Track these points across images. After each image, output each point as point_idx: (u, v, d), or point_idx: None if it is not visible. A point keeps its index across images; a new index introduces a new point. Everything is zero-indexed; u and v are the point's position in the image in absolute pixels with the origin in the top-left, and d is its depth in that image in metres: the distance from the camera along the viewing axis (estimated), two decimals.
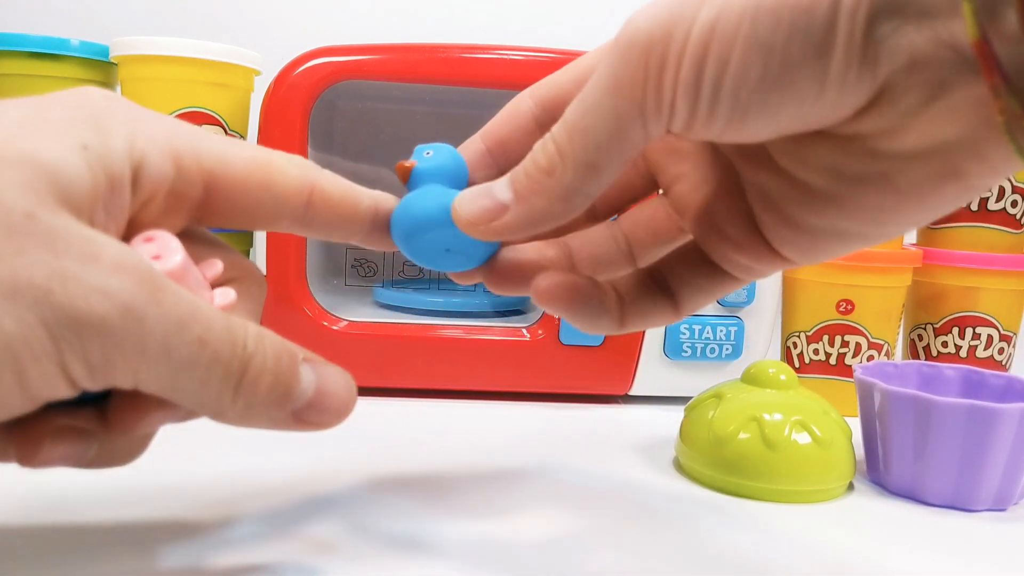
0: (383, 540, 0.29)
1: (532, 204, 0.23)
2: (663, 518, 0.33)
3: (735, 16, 0.18)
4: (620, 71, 0.20)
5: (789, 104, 0.19)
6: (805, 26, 0.18)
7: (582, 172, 0.22)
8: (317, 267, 0.56)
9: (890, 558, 0.30)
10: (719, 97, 0.19)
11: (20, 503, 0.30)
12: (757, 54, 0.18)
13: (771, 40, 0.18)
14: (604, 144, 0.21)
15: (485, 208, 0.24)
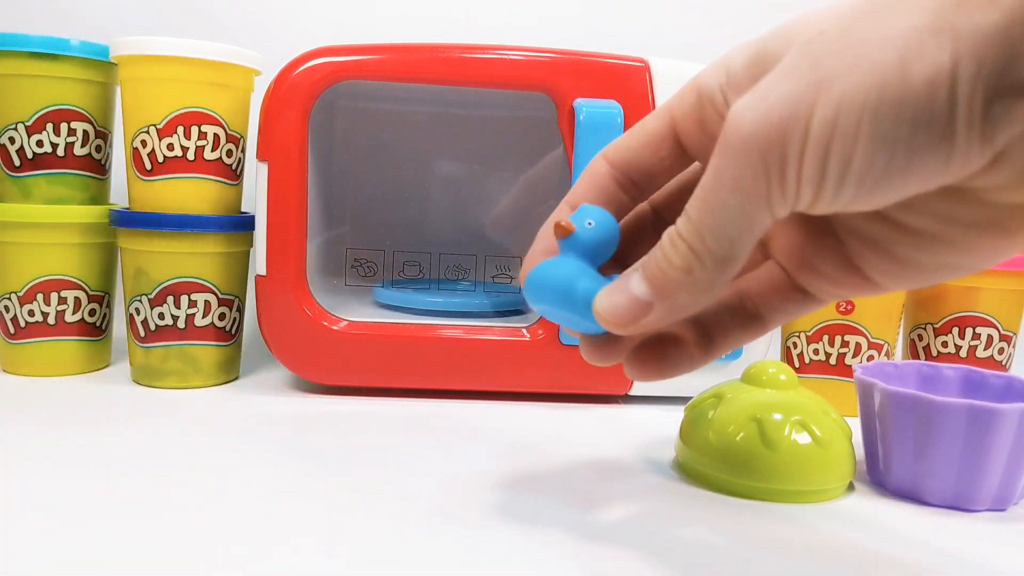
0: (382, 540, 0.29)
1: (676, 300, 0.24)
2: (663, 518, 0.33)
3: (855, 114, 0.19)
4: (740, 172, 0.21)
5: (912, 182, 0.20)
6: (927, 119, 0.19)
7: (720, 265, 0.23)
8: (317, 267, 0.56)
9: (890, 558, 0.30)
10: (844, 184, 0.20)
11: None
12: (881, 147, 0.19)
13: (894, 135, 0.19)
14: (736, 237, 0.22)
15: (629, 309, 0.25)
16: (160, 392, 0.48)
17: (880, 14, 0.19)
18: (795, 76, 0.20)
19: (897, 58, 0.19)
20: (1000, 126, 0.19)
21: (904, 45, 0.19)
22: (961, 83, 0.18)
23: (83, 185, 0.52)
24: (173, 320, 0.49)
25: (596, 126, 0.46)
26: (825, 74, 0.20)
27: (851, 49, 0.19)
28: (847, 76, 0.19)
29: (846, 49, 0.19)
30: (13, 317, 0.50)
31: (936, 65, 0.18)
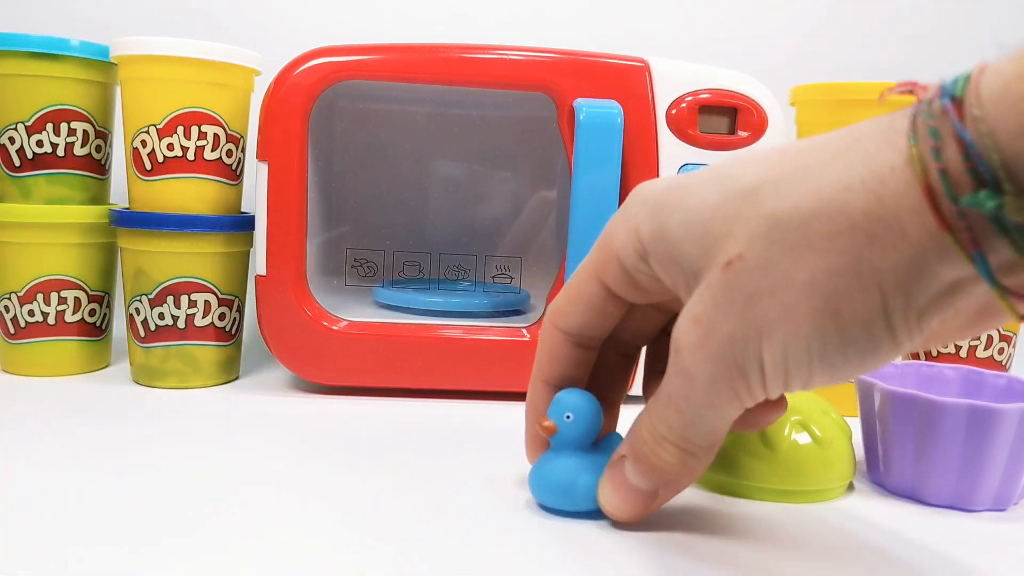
0: (383, 541, 0.29)
1: (680, 484, 0.28)
2: (663, 518, 0.33)
3: (803, 358, 0.23)
4: (709, 395, 0.25)
5: (864, 372, 0.23)
6: (871, 348, 0.22)
7: (710, 449, 0.27)
8: (317, 267, 0.56)
9: (890, 558, 0.30)
10: (808, 386, 0.24)
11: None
12: (833, 373, 0.23)
13: (844, 365, 0.22)
14: (718, 428, 0.26)
15: (639, 502, 0.29)
16: (160, 392, 0.48)
17: (794, 250, 0.22)
18: (732, 314, 0.23)
19: (827, 306, 0.21)
20: (933, 323, 0.22)
21: (831, 292, 0.21)
22: (895, 317, 0.21)
23: (83, 185, 0.52)
24: (173, 320, 0.49)
25: (596, 126, 0.46)
26: (762, 316, 0.22)
27: (780, 293, 0.22)
28: (785, 324, 0.22)
29: (775, 292, 0.22)
30: (13, 317, 0.50)
31: (869, 308, 0.21)
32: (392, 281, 0.61)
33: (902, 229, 0.20)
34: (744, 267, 0.23)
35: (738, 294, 0.23)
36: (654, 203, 0.26)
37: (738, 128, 0.49)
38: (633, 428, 0.29)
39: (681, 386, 0.25)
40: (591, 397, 0.31)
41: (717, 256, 0.23)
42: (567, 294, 0.30)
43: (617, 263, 0.28)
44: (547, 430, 0.31)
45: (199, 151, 0.48)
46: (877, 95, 0.54)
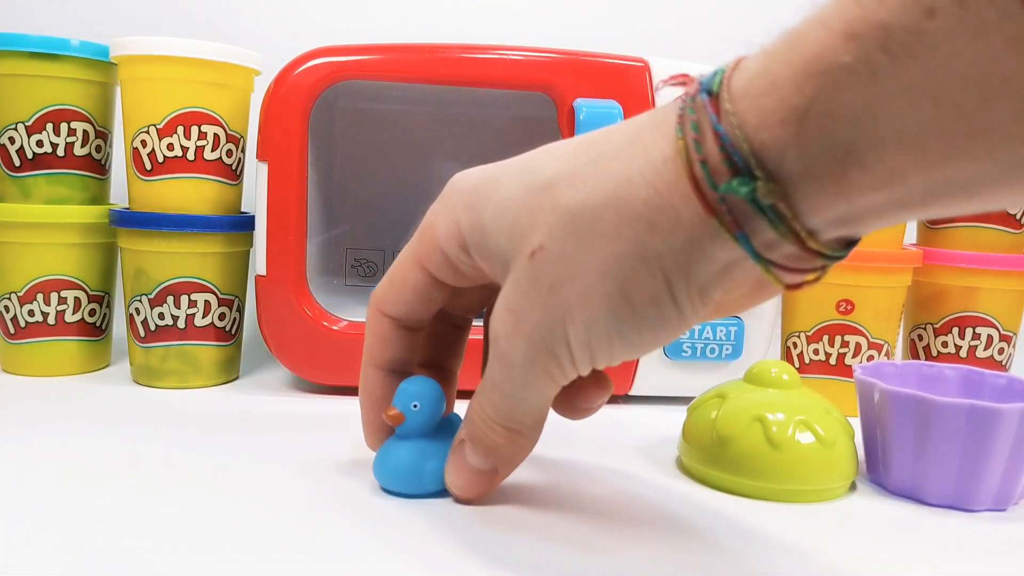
0: (383, 541, 0.29)
1: (516, 460, 0.31)
2: (666, 518, 0.33)
3: (604, 338, 0.25)
4: (526, 378, 0.27)
5: (660, 344, 0.26)
6: (662, 323, 0.24)
7: (537, 425, 0.30)
8: (317, 267, 0.56)
9: (890, 558, 0.30)
10: (613, 361, 0.26)
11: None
12: (632, 348, 0.25)
13: (640, 340, 0.25)
14: (541, 406, 0.29)
15: (481, 481, 0.31)
16: (160, 392, 0.48)
17: (587, 240, 0.24)
18: (538, 302, 0.25)
19: (618, 290, 0.24)
20: (716, 295, 0.24)
21: (621, 277, 0.24)
22: (679, 295, 0.23)
23: (83, 185, 0.52)
24: (173, 320, 0.49)
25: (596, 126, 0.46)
26: (564, 303, 0.25)
27: (577, 280, 0.24)
28: (584, 308, 0.24)
29: (573, 279, 0.24)
30: (13, 317, 0.50)
31: (654, 289, 0.23)
32: None
33: (677, 216, 0.22)
34: (545, 257, 0.25)
35: (542, 283, 0.25)
36: (469, 195, 0.28)
37: None
38: (467, 412, 0.31)
39: (501, 371, 0.27)
40: (435, 384, 0.33)
41: (523, 247, 0.25)
42: (391, 281, 0.31)
43: (439, 252, 0.29)
44: (394, 419, 0.32)
45: (199, 151, 0.48)
46: None
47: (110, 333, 0.55)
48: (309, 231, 0.49)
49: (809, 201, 0.21)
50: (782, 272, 0.23)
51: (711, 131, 0.22)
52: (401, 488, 0.33)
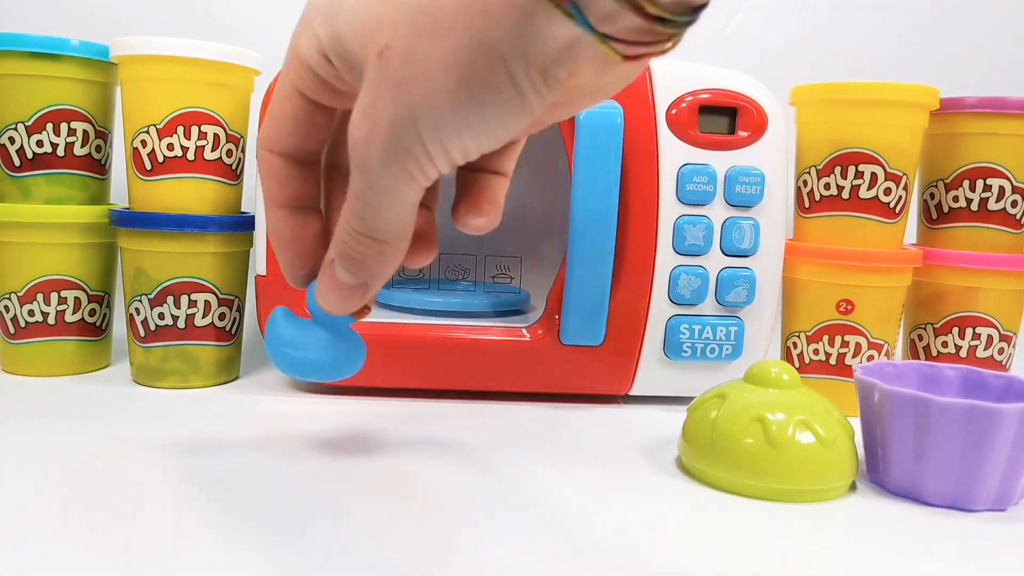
0: (384, 541, 0.29)
1: (386, 273, 0.30)
2: (666, 517, 0.33)
3: (453, 131, 0.25)
4: (387, 182, 0.27)
5: (513, 134, 0.26)
6: (512, 109, 0.24)
7: (403, 236, 0.29)
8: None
9: (890, 558, 0.30)
10: (469, 156, 0.26)
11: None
12: (485, 138, 0.25)
13: (490, 128, 0.25)
14: (405, 215, 0.28)
15: (351, 295, 0.30)
16: (160, 392, 0.48)
17: (427, 33, 0.24)
18: (390, 101, 0.25)
19: (460, 80, 0.24)
20: (559, 76, 0.24)
21: (461, 66, 0.24)
22: (519, 78, 0.23)
23: (83, 185, 0.52)
24: (173, 320, 0.49)
25: (596, 126, 0.46)
26: (412, 100, 0.25)
27: (422, 76, 0.24)
28: (431, 103, 0.25)
29: (418, 75, 0.24)
30: (13, 317, 0.50)
31: (493, 74, 0.23)
32: (392, 281, 0.61)
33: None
34: (392, 56, 0.25)
35: (390, 81, 0.25)
36: (325, 6, 0.27)
37: (738, 128, 0.49)
38: (335, 237, 0.30)
39: (362, 178, 0.27)
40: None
41: (372, 49, 0.25)
42: (272, 116, 0.31)
43: (308, 71, 0.29)
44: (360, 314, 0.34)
45: (199, 151, 0.48)
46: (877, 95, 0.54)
47: (110, 333, 0.55)
48: None
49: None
50: (623, 46, 0.23)
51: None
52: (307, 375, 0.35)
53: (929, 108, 0.52)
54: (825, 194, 0.52)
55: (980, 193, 0.53)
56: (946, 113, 0.53)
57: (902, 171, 0.51)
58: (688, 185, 0.48)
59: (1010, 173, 0.53)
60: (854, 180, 0.50)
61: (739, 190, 0.48)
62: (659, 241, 0.48)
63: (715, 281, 0.49)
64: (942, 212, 0.55)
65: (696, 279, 0.48)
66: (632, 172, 0.48)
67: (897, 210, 0.51)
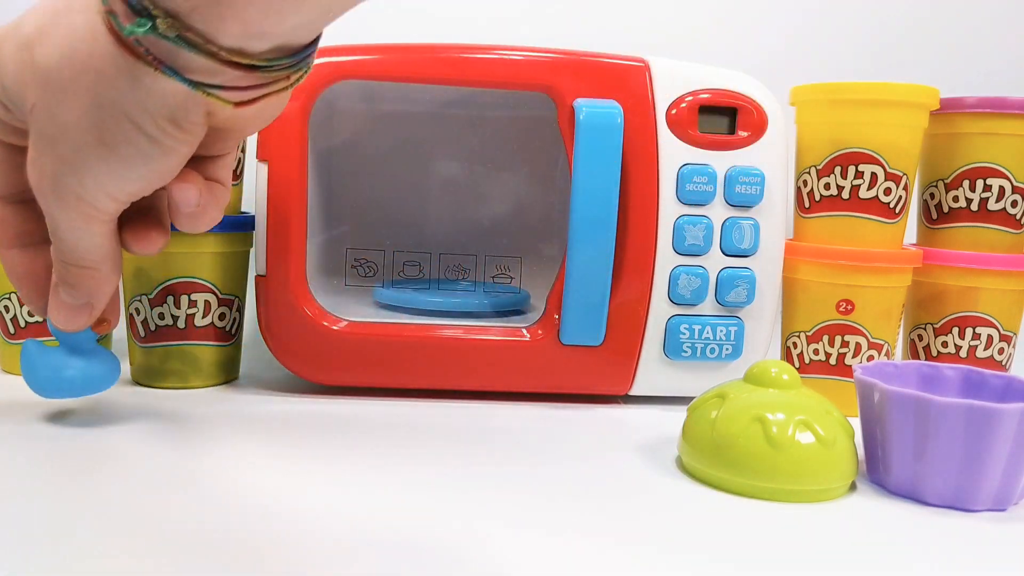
0: (384, 541, 0.29)
1: (102, 292, 0.33)
2: (666, 517, 0.33)
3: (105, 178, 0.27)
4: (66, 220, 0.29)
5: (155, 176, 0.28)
6: (147, 157, 0.27)
7: (106, 262, 0.31)
8: (317, 267, 0.56)
9: (890, 558, 0.30)
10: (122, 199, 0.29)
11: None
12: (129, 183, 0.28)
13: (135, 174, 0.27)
14: (100, 244, 0.31)
15: (78, 314, 0.34)
16: (160, 392, 0.48)
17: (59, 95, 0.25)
18: (47, 154, 0.27)
19: (97, 139, 0.26)
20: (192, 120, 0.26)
21: (93, 126, 0.25)
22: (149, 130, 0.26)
23: None
24: (173, 320, 0.49)
25: (596, 126, 0.46)
26: (63, 155, 0.26)
27: (64, 134, 0.26)
28: (77, 158, 0.26)
29: (61, 134, 0.26)
30: (13, 317, 0.50)
31: (124, 131, 0.25)
32: (392, 281, 0.61)
33: (115, 63, 0.24)
34: (38, 114, 0.26)
35: (43, 138, 0.26)
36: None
37: (738, 128, 0.49)
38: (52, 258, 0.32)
39: (48, 219, 0.29)
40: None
41: (25, 105, 0.27)
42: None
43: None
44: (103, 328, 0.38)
45: None
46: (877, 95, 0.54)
47: (110, 333, 0.55)
48: (309, 231, 0.49)
49: (212, 26, 0.23)
50: (231, 92, 0.25)
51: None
52: (51, 394, 0.39)
53: (929, 108, 0.52)
54: (825, 194, 0.52)
55: (980, 193, 0.53)
56: (946, 113, 0.53)
57: (902, 171, 0.51)
58: (688, 185, 0.48)
59: (1010, 173, 0.53)
60: (854, 180, 0.50)
61: (739, 190, 0.48)
62: (659, 241, 0.48)
63: (715, 281, 0.49)
64: (942, 212, 0.55)
65: (696, 279, 0.48)
66: (632, 172, 0.48)
67: (897, 210, 0.51)
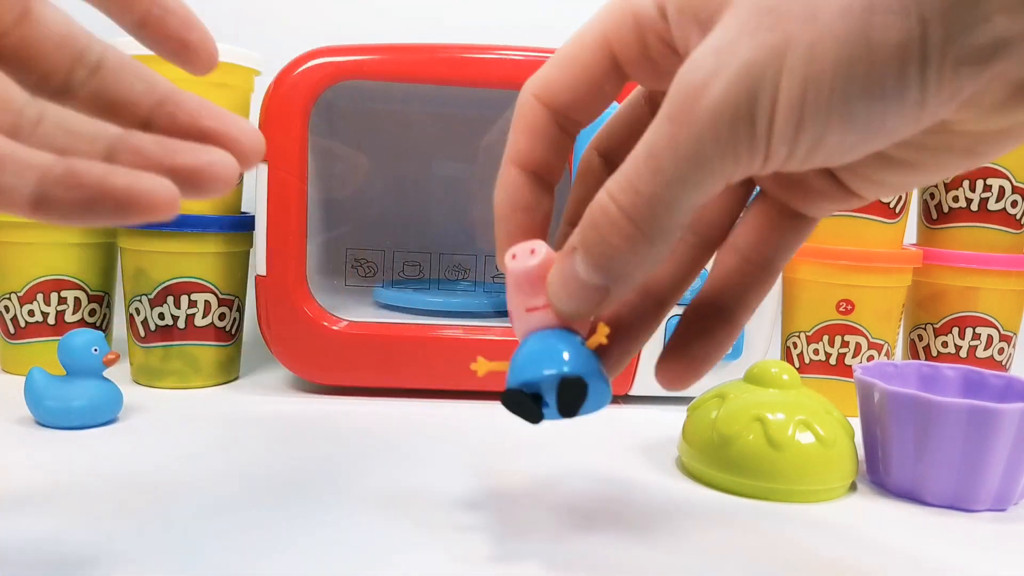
0: (382, 541, 0.29)
1: (633, 279, 0.23)
2: (666, 517, 0.33)
3: (824, 93, 0.19)
4: (703, 143, 0.20)
5: (882, 141, 0.20)
6: (899, 90, 0.19)
7: (669, 240, 0.22)
8: (317, 267, 0.56)
9: (890, 558, 0.30)
10: (815, 151, 0.20)
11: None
12: (851, 123, 0.19)
13: (866, 111, 0.19)
14: (689, 208, 0.21)
15: (587, 296, 0.24)
16: (160, 392, 0.48)
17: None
18: (756, 37, 0.19)
19: (859, 32, 0.18)
20: (968, 84, 0.19)
21: (866, 14, 0.18)
22: (930, 52, 0.18)
23: None
24: (173, 320, 0.49)
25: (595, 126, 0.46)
26: (786, 40, 0.19)
27: (811, 13, 0.19)
28: (809, 49, 0.19)
29: (805, 13, 0.19)
30: (13, 317, 0.50)
31: (903, 36, 0.18)
32: (392, 281, 0.61)
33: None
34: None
35: (765, 15, 0.19)
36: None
37: None
38: (587, 215, 0.24)
39: (672, 133, 0.21)
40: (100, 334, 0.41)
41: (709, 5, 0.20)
42: (559, 62, 0.25)
43: (632, 21, 0.24)
44: (110, 361, 0.40)
45: None
46: None
47: (110, 333, 0.55)
48: (309, 231, 0.49)
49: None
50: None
51: None
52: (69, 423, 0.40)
53: None
54: None
55: (980, 193, 0.53)
56: None
57: None
58: None
59: (1010, 173, 0.53)
60: None
61: None
62: None
63: None
64: (942, 212, 0.55)
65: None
66: None
67: (897, 210, 0.51)
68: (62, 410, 0.39)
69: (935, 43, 0.18)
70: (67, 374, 0.40)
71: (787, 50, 0.19)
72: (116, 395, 0.41)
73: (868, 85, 0.19)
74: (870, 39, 0.18)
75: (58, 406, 0.39)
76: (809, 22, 0.19)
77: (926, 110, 0.19)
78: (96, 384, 0.40)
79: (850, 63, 0.19)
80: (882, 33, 0.18)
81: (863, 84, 0.19)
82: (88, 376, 0.40)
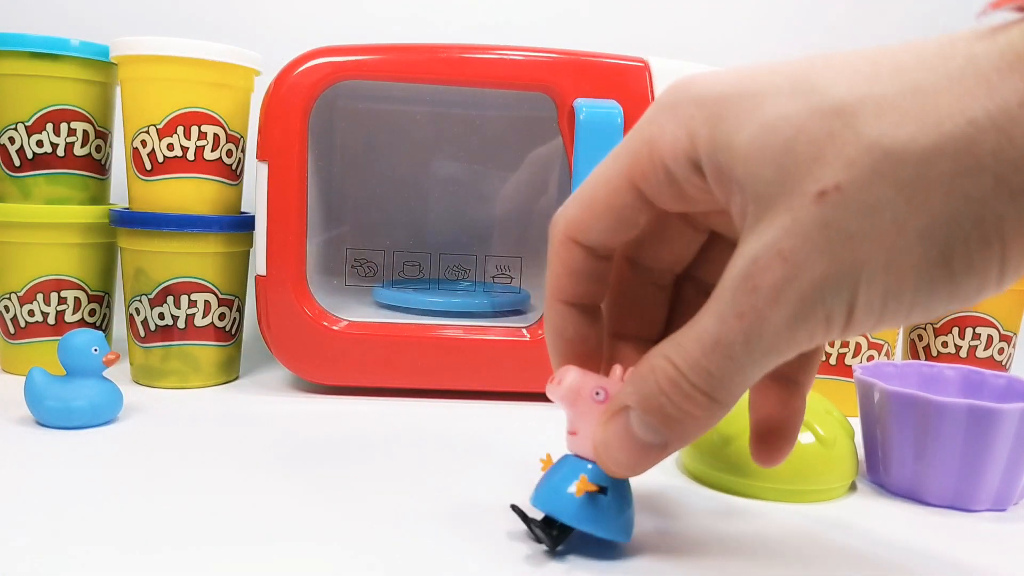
0: (381, 541, 0.29)
1: (696, 436, 0.24)
2: (666, 517, 0.33)
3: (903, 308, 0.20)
4: (779, 338, 0.21)
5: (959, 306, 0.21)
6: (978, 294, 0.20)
7: (736, 400, 0.23)
8: (317, 267, 0.56)
9: (890, 558, 0.30)
10: (892, 325, 0.21)
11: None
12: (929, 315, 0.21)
13: (944, 308, 0.21)
14: (756, 378, 0.22)
15: (644, 455, 0.25)
16: (160, 392, 0.48)
17: (908, 189, 0.19)
18: (827, 253, 0.20)
19: (940, 255, 0.19)
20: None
21: (948, 240, 0.19)
22: (1009, 265, 0.19)
23: (83, 185, 0.52)
24: (173, 320, 0.49)
25: (596, 126, 0.46)
26: (862, 260, 0.20)
27: (888, 237, 0.19)
28: (890, 270, 0.20)
29: (881, 236, 0.19)
30: (13, 317, 0.50)
31: (985, 259, 0.19)
32: (392, 281, 0.61)
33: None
34: (842, 200, 0.20)
35: (835, 232, 0.20)
36: (714, 108, 0.22)
37: None
38: (641, 375, 0.24)
39: (743, 329, 0.21)
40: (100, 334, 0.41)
41: (804, 184, 0.20)
42: (589, 203, 0.26)
43: (662, 171, 0.24)
44: (110, 361, 0.40)
45: (199, 151, 0.48)
46: None
47: (110, 333, 0.55)
48: (309, 231, 0.49)
49: None
50: None
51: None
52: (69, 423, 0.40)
53: None
54: None
55: None
56: None
57: None
58: None
59: None
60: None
61: None
62: None
63: None
64: None
65: None
66: None
67: None
68: (62, 410, 0.39)
69: (1013, 257, 0.19)
70: (67, 374, 0.40)
71: (863, 268, 0.20)
72: (116, 395, 0.41)
73: (950, 294, 0.20)
74: (951, 261, 0.19)
75: (58, 406, 0.39)
76: (884, 243, 0.19)
77: (1004, 285, 0.20)
78: (96, 384, 0.40)
79: (931, 281, 0.20)
80: (964, 257, 0.19)
81: (944, 293, 0.20)
82: (88, 376, 0.40)
